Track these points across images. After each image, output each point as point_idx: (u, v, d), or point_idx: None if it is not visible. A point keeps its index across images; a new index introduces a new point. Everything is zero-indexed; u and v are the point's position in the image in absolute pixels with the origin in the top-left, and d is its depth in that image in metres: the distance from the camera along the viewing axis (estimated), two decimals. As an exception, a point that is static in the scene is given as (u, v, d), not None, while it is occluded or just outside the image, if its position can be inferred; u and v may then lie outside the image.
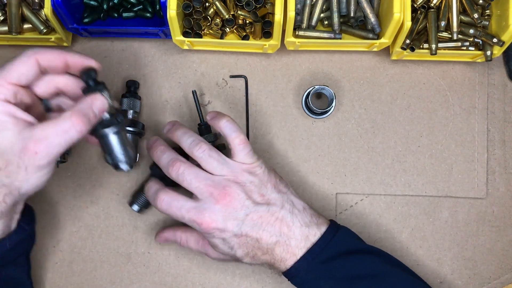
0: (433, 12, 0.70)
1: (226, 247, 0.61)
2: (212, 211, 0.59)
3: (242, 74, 0.76)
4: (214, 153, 0.61)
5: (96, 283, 0.73)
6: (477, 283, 0.74)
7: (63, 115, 0.52)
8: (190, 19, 0.70)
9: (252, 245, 0.61)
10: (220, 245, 0.61)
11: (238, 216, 0.60)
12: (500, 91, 0.77)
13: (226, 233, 0.60)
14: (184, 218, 0.60)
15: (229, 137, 0.62)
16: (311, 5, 0.71)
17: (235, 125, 0.63)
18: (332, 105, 0.73)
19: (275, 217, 0.61)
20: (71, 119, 0.51)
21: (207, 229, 0.59)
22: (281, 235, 0.61)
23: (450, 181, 0.75)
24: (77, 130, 0.52)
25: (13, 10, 0.69)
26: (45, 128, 0.51)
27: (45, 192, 0.73)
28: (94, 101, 0.55)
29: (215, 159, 0.61)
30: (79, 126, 0.52)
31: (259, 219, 0.60)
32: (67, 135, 0.51)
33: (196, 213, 0.59)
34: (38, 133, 0.51)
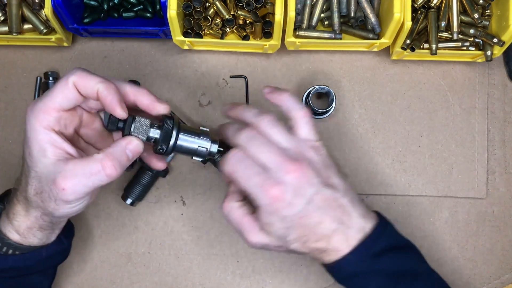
0: (433, 12, 0.70)
1: (282, 227, 0.55)
2: (282, 182, 0.54)
3: (242, 74, 0.76)
4: (280, 124, 0.57)
5: (96, 283, 0.73)
6: (477, 283, 0.74)
7: (95, 156, 0.51)
8: (190, 19, 0.70)
9: (309, 229, 0.55)
10: (276, 224, 0.55)
11: (307, 194, 0.54)
12: (500, 91, 0.77)
13: (290, 209, 0.54)
14: (249, 181, 0.54)
15: (292, 110, 0.58)
16: (312, 5, 0.71)
17: (297, 99, 0.59)
18: (332, 105, 0.73)
19: (338, 204, 0.56)
20: (102, 163, 0.51)
21: (273, 200, 0.53)
22: (341, 223, 0.56)
23: (450, 181, 0.75)
24: (107, 174, 0.51)
25: (13, 10, 0.69)
26: (76, 166, 0.51)
27: (45, 192, 0.74)
28: (128, 144, 0.53)
29: (282, 130, 0.57)
30: (109, 170, 0.51)
31: (324, 202, 0.55)
32: (96, 177, 0.51)
33: (265, 178, 0.54)
34: (68, 170, 0.51)
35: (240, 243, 0.74)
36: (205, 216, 0.74)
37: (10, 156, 0.74)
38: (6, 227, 0.57)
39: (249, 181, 0.55)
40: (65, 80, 0.52)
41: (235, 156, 0.55)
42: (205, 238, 0.74)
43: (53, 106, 0.52)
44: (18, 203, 0.56)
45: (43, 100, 0.52)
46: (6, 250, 0.57)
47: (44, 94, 0.53)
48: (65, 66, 0.76)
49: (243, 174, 0.55)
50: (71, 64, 0.75)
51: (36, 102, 0.52)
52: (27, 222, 0.56)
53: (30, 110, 0.52)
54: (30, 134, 0.52)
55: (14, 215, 0.56)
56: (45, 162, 0.51)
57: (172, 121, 0.55)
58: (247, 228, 0.57)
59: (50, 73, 0.72)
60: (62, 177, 0.50)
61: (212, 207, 0.74)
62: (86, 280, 0.73)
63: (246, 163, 0.55)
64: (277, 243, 0.57)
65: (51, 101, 0.52)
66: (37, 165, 0.52)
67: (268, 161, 0.55)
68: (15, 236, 0.56)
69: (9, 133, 0.74)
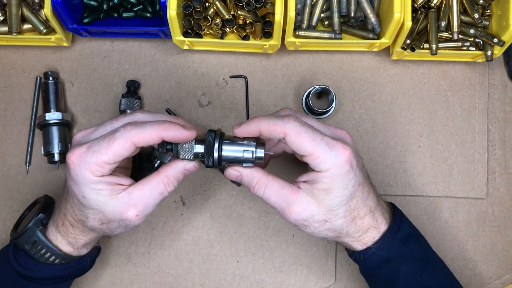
0: (434, 12, 0.70)
1: (342, 194, 0.54)
2: (347, 144, 0.53)
3: (242, 74, 0.76)
4: (312, 118, 0.57)
5: (96, 283, 0.73)
6: (477, 283, 0.74)
7: (156, 178, 0.55)
8: (190, 19, 0.70)
9: (362, 200, 0.56)
10: (337, 190, 0.53)
11: (359, 161, 0.55)
12: (500, 91, 0.77)
13: (355, 174, 0.54)
14: (316, 140, 0.52)
15: (279, 127, 0.54)
16: (312, 5, 0.71)
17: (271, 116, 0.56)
18: (332, 105, 0.73)
19: (368, 183, 0.58)
20: (164, 183, 0.55)
21: (345, 161, 0.52)
22: (379, 199, 0.58)
23: (450, 181, 0.75)
24: (169, 191, 0.56)
25: (13, 10, 0.69)
26: (143, 192, 0.55)
27: (46, 192, 0.74)
28: (186, 166, 0.56)
29: (317, 121, 0.57)
30: (170, 188, 0.56)
31: (366, 174, 0.57)
32: (162, 196, 0.56)
33: (333, 139, 0.53)
34: (136, 197, 0.54)
35: (240, 243, 0.74)
36: (205, 216, 0.74)
37: (10, 156, 0.74)
38: (59, 240, 0.59)
39: (317, 141, 0.52)
40: (123, 137, 0.52)
41: (295, 121, 0.53)
42: (205, 238, 0.74)
43: (108, 161, 0.53)
44: (72, 227, 0.58)
45: (95, 153, 0.52)
46: (53, 260, 0.60)
47: (96, 144, 0.52)
48: (65, 66, 0.76)
49: (308, 136, 0.52)
50: (71, 64, 0.75)
51: (87, 153, 0.52)
52: (84, 239, 0.59)
53: (79, 161, 0.52)
54: (81, 181, 0.53)
55: (69, 232, 0.58)
56: (105, 201, 0.54)
57: (214, 133, 0.55)
58: (291, 197, 0.54)
59: (50, 73, 0.72)
60: (133, 206, 0.54)
61: (212, 207, 0.74)
62: (86, 280, 0.73)
63: (308, 127, 0.53)
64: (323, 216, 0.55)
65: (106, 157, 0.52)
66: (98, 205, 0.54)
67: (323, 129, 0.55)
68: (69, 249, 0.60)
69: (9, 133, 0.74)
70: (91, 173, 0.52)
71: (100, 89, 0.75)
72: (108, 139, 0.52)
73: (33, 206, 0.65)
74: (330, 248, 0.74)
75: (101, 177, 0.53)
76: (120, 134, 0.52)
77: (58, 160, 0.71)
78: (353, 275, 0.73)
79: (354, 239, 0.58)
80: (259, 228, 0.74)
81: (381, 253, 0.58)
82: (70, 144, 0.73)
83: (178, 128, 0.53)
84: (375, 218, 0.57)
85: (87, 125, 0.75)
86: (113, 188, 0.54)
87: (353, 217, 0.56)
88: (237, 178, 0.56)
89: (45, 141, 0.72)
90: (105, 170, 0.53)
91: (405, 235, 0.59)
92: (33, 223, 0.59)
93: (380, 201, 0.60)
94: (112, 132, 0.53)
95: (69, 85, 0.75)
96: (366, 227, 0.57)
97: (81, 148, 0.53)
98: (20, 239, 0.59)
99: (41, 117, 0.71)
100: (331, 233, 0.57)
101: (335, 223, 0.55)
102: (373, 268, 0.59)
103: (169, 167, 0.56)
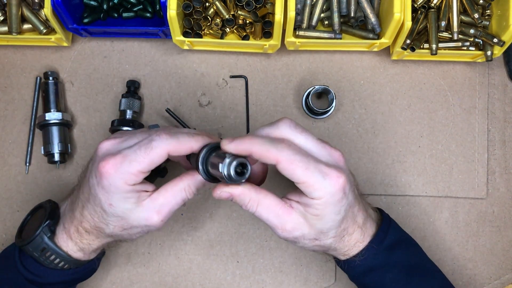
0: (434, 12, 0.70)
1: (334, 219, 0.54)
2: (342, 170, 0.53)
3: (242, 74, 0.76)
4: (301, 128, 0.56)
5: (96, 283, 0.73)
6: (477, 283, 0.74)
7: (178, 184, 0.56)
8: (190, 19, 0.70)
9: (352, 219, 0.56)
10: (329, 216, 0.53)
11: (350, 189, 0.54)
12: (500, 91, 0.77)
13: (347, 199, 0.53)
14: (309, 169, 0.51)
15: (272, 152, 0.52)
16: (311, 5, 0.71)
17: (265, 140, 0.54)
18: (332, 105, 0.73)
19: (359, 193, 0.58)
20: (186, 190, 0.56)
21: (338, 189, 0.52)
22: (367, 212, 0.58)
23: (450, 181, 0.75)
24: (189, 199, 0.57)
25: (13, 10, 0.69)
26: (166, 198, 0.55)
27: (46, 192, 0.74)
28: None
29: (312, 139, 0.55)
30: (191, 195, 0.57)
31: (356, 191, 0.57)
32: (183, 202, 0.56)
33: (327, 166, 0.52)
34: (160, 204, 0.55)
35: (240, 243, 0.74)
36: (205, 216, 0.74)
37: (10, 156, 0.74)
38: (70, 247, 0.59)
39: (310, 170, 0.51)
40: (160, 147, 0.52)
41: (289, 150, 0.51)
42: (205, 238, 0.74)
43: (143, 170, 0.53)
44: (87, 233, 0.58)
45: (132, 162, 0.52)
46: (63, 265, 0.60)
47: (133, 153, 0.53)
48: (65, 66, 0.76)
49: (302, 164, 0.50)
50: (71, 64, 0.75)
51: (123, 163, 0.52)
52: (98, 244, 0.59)
53: (115, 171, 0.52)
54: (113, 190, 0.53)
55: (83, 239, 0.58)
56: (131, 208, 0.55)
57: (207, 147, 0.54)
58: (284, 217, 0.54)
59: (50, 73, 0.72)
60: (157, 212, 0.55)
61: (212, 207, 0.74)
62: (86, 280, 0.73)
63: (302, 154, 0.51)
64: (314, 236, 0.55)
65: (142, 166, 0.52)
66: (123, 212, 0.55)
67: (317, 151, 0.53)
68: (80, 254, 0.60)
69: (9, 133, 0.74)
70: (125, 182, 0.53)
71: (100, 89, 0.75)
72: (145, 148, 0.52)
73: (35, 210, 0.64)
74: (330, 248, 0.74)
75: (133, 186, 0.53)
76: (157, 143, 0.52)
77: (58, 160, 0.71)
78: (353, 275, 0.73)
79: (340, 253, 0.59)
80: (259, 228, 0.74)
81: (365, 262, 0.58)
82: (70, 144, 0.73)
83: (207, 139, 0.54)
84: (363, 232, 0.58)
85: (87, 125, 0.75)
86: (140, 195, 0.54)
87: (342, 235, 0.56)
88: (227, 199, 0.55)
89: (45, 141, 0.72)
90: (138, 179, 0.53)
91: (392, 242, 0.59)
92: (41, 230, 0.59)
93: (368, 213, 0.59)
94: (148, 141, 0.53)
95: (69, 85, 0.75)
96: (353, 242, 0.58)
97: (116, 157, 0.52)
98: (28, 247, 0.59)
99: (41, 117, 0.71)
100: (318, 248, 0.58)
101: (325, 242, 0.56)
102: (359, 276, 0.60)
103: (192, 176, 0.56)
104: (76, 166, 0.74)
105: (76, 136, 0.75)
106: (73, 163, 0.74)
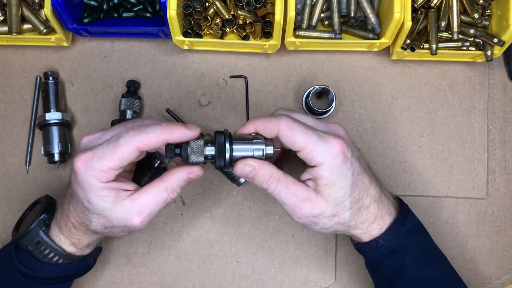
0: (434, 12, 0.70)
1: (343, 185, 0.54)
2: (339, 136, 0.55)
3: (242, 74, 0.76)
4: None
5: (96, 283, 0.73)
6: (477, 283, 0.74)
7: (160, 185, 0.55)
8: (190, 19, 0.70)
9: (364, 189, 0.57)
10: (338, 182, 0.54)
11: (354, 152, 0.56)
12: (500, 91, 0.77)
13: (351, 164, 0.54)
14: (308, 135, 0.53)
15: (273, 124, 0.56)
16: (311, 5, 0.71)
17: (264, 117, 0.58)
18: (332, 105, 0.73)
19: (367, 173, 0.59)
20: (167, 190, 0.56)
21: (338, 152, 0.53)
22: (382, 190, 0.59)
23: (450, 181, 0.75)
24: (172, 198, 0.56)
25: (13, 10, 0.69)
26: (146, 199, 0.55)
27: (46, 192, 0.74)
28: (190, 174, 0.56)
29: (311, 118, 0.58)
30: (173, 195, 0.56)
31: (365, 165, 0.58)
32: (165, 203, 0.56)
33: (325, 132, 0.55)
34: (140, 204, 0.55)
35: (240, 243, 0.74)
36: (205, 216, 0.74)
37: (10, 156, 0.74)
38: (62, 241, 0.60)
39: (309, 135, 0.53)
40: (126, 143, 0.52)
41: (288, 118, 0.54)
42: (205, 238, 0.74)
43: (113, 167, 0.53)
44: (75, 228, 0.58)
45: (100, 159, 0.52)
46: (57, 260, 0.60)
47: (101, 150, 0.53)
48: (65, 66, 0.76)
49: (300, 130, 0.53)
50: (71, 64, 0.75)
51: (92, 159, 0.52)
52: (88, 240, 0.60)
53: (84, 167, 0.53)
54: (86, 187, 0.53)
55: (72, 234, 0.59)
56: (109, 207, 0.54)
57: (223, 134, 0.55)
58: (302, 194, 0.55)
59: (50, 73, 0.72)
60: (137, 214, 0.55)
61: (212, 207, 0.74)
62: (86, 280, 0.73)
63: (300, 123, 0.54)
64: (331, 211, 0.55)
65: (111, 163, 0.53)
66: (102, 211, 0.55)
67: (315, 124, 0.56)
68: (72, 249, 0.60)
69: (9, 133, 0.74)
70: (96, 179, 0.53)
71: (100, 89, 0.75)
72: (113, 145, 0.53)
73: (33, 206, 0.65)
74: (330, 248, 0.74)
75: (106, 183, 0.53)
76: (124, 140, 0.52)
77: (58, 160, 0.71)
78: (353, 275, 0.73)
79: (362, 231, 0.59)
80: (259, 228, 0.74)
81: (388, 244, 0.58)
82: (70, 144, 0.73)
83: (181, 128, 0.53)
84: (380, 208, 0.58)
85: (87, 125, 0.75)
86: (118, 195, 0.54)
87: (358, 207, 0.57)
88: (249, 173, 0.55)
89: (45, 141, 0.72)
90: (110, 176, 0.53)
91: (411, 227, 0.60)
92: (36, 223, 0.59)
93: (384, 193, 0.60)
94: (116, 138, 0.53)
95: (69, 85, 0.75)
96: (372, 217, 0.58)
97: (87, 154, 0.53)
98: (23, 240, 0.59)
99: (41, 117, 0.71)
100: (340, 227, 0.57)
101: (343, 216, 0.56)
102: (380, 259, 0.60)
103: (173, 175, 0.56)
104: (76, 166, 0.74)
105: (76, 136, 0.75)
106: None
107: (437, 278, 0.60)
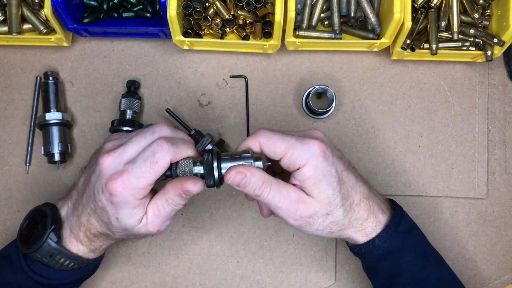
0: (434, 12, 0.70)
1: (330, 182, 0.55)
2: (317, 137, 0.57)
3: (242, 74, 0.76)
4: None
5: (96, 283, 0.73)
6: (477, 283, 0.74)
7: (162, 200, 0.57)
8: (190, 19, 0.70)
9: (351, 186, 0.58)
10: (324, 180, 0.55)
11: (335, 152, 0.58)
12: (500, 91, 0.77)
13: (332, 162, 0.56)
14: (287, 140, 0.55)
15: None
16: (312, 5, 0.71)
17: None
18: (332, 105, 0.73)
19: (358, 173, 0.61)
20: (170, 205, 0.57)
21: (319, 151, 0.55)
22: (371, 190, 0.60)
23: (450, 181, 0.75)
24: (181, 203, 0.57)
25: (13, 10, 0.69)
26: (154, 210, 0.57)
27: (46, 192, 0.73)
28: (192, 187, 0.56)
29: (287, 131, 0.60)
30: (178, 206, 0.57)
31: (349, 165, 0.60)
32: (174, 211, 0.58)
33: (302, 135, 0.57)
34: (151, 216, 0.57)
35: (240, 243, 0.74)
36: (205, 216, 0.74)
37: (10, 156, 0.74)
38: (80, 249, 0.60)
39: (287, 140, 0.55)
40: (165, 160, 0.54)
41: (265, 130, 0.57)
42: (205, 238, 0.74)
43: (150, 183, 0.54)
44: (97, 238, 0.59)
45: (139, 179, 0.54)
46: (73, 266, 0.60)
47: (138, 168, 0.54)
48: (65, 66, 0.76)
49: (278, 137, 0.55)
50: (71, 64, 0.75)
51: (130, 180, 0.53)
52: (107, 244, 0.61)
53: (122, 188, 0.53)
54: (122, 205, 0.54)
55: (94, 242, 0.60)
56: (134, 225, 0.56)
57: (210, 153, 0.56)
58: (295, 196, 0.55)
59: (50, 73, 0.72)
60: (151, 224, 0.57)
61: (212, 207, 0.74)
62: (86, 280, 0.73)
63: (278, 131, 0.57)
64: (325, 210, 0.56)
65: (150, 180, 0.54)
66: (126, 227, 0.56)
67: (292, 132, 0.58)
68: (91, 254, 0.61)
69: (9, 133, 0.74)
70: (134, 197, 0.54)
71: (100, 89, 0.75)
72: (150, 162, 0.54)
73: (33, 214, 0.62)
74: (330, 248, 0.74)
75: (141, 200, 0.55)
76: (161, 155, 0.54)
77: (58, 160, 0.71)
78: (353, 275, 0.73)
79: (356, 229, 0.59)
80: (259, 228, 0.74)
81: (384, 245, 0.59)
82: (70, 144, 0.73)
83: (191, 145, 0.58)
84: (370, 205, 0.59)
85: (87, 125, 0.75)
86: (144, 211, 0.56)
87: (349, 204, 0.57)
88: (241, 181, 0.55)
89: (45, 141, 0.72)
90: (146, 192, 0.55)
91: (406, 228, 0.60)
92: (47, 236, 0.58)
93: (373, 191, 0.61)
94: (151, 153, 0.54)
95: (69, 85, 0.75)
96: (365, 214, 0.58)
97: (123, 175, 0.54)
98: (36, 253, 0.59)
99: (41, 117, 0.71)
100: (335, 226, 0.57)
101: (336, 213, 0.56)
102: (376, 260, 0.60)
103: (169, 189, 0.56)
104: (76, 166, 0.74)
105: (76, 136, 0.75)
106: (73, 163, 0.74)
107: (434, 277, 0.60)
